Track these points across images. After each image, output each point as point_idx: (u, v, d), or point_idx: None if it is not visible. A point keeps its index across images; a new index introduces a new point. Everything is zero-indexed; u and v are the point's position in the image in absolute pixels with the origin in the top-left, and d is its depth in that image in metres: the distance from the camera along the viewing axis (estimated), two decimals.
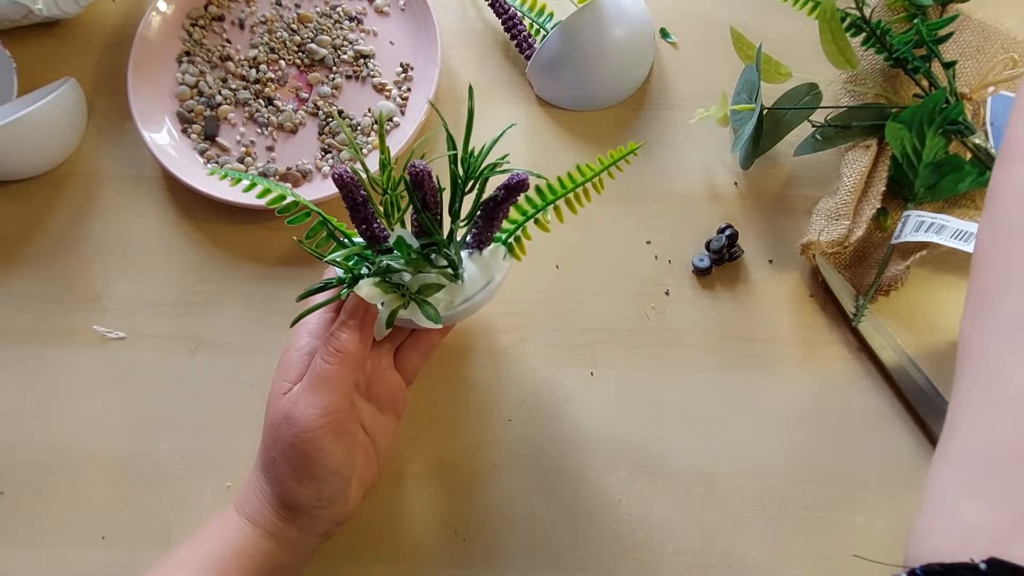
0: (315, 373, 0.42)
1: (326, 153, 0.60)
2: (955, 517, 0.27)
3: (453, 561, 0.49)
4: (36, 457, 0.53)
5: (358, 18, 0.64)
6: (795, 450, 0.51)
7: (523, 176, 0.40)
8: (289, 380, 0.43)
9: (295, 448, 0.41)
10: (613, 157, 0.43)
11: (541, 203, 0.44)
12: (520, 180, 0.40)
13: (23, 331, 0.57)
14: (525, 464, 0.51)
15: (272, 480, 0.43)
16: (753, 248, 0.56)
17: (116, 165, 0.61)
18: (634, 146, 0.43)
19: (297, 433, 0.41)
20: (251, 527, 0.43)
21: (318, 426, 0.41)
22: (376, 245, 0.42)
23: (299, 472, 0.42)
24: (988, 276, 0.33)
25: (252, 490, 0.44)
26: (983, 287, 0.33)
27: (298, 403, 0.42)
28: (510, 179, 0.40)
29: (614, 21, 0.58)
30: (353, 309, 0.42)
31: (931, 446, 0.50)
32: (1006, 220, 0.34)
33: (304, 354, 0.44)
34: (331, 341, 0.42)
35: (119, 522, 0.51)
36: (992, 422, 0.29)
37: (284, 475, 0.42)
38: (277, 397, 0.43)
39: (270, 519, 0.43)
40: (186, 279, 0.57)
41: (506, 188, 0.41)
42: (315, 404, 0.41)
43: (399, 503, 0.51)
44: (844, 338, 0.53)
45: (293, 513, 0.43)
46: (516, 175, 0.40)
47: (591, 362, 0.53)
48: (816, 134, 0.55)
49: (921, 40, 0.53)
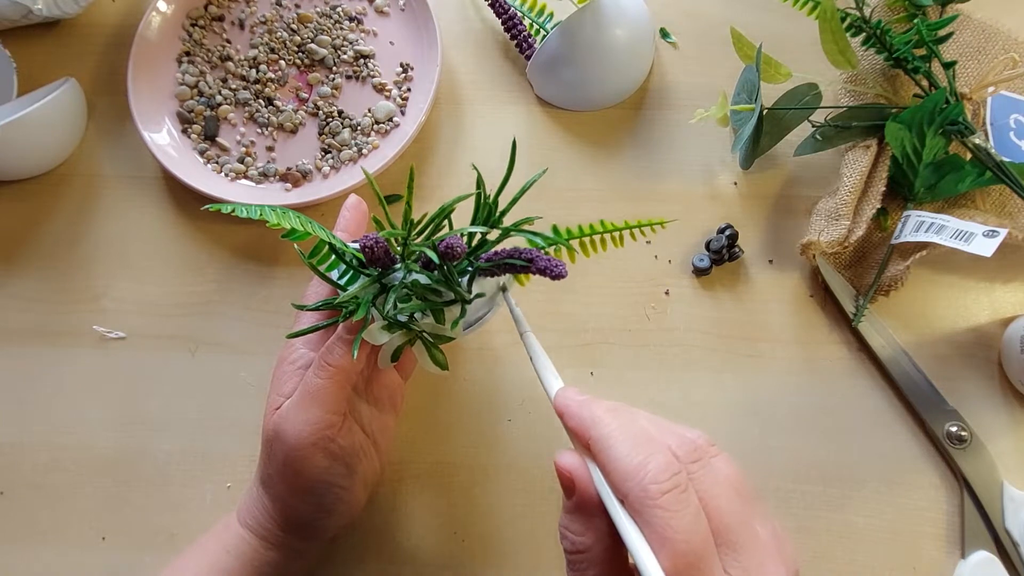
0: (306, 388, 0.40)
1: (326, 153, 0.60)
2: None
3: (453, 561, 0.49)
4: (36, 457, 0.53)
5: (358, 18, 0.64)
6: (795, 450, 0.51)
7: (559, 269, 0.38)
8: (283, 394, 0.42)
9: (288, 466, 0.41)
10: (640, 223, 0.42)
11: (555, 239, 0.42)
12: (554, 271, 0.38)
13: (23, 331, 0.57)
14: (525, 464, 0.51)
15: (271, 496, 0.43)
16: (753, 248, 0.56)
17: (116, 165, 0.61)
18: (663, 221, 0.44)
19: (288, 451, 0.40)
20: (255, 538, 0.43)
21: (310, 443, 0.40)
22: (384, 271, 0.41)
23: (295, 489, 0.41)
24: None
25: (253, 502, 0.44)
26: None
27: (288, 419, 0.40)
28: (538, 260, 0.39)
29: (614, 21, 0.58)
30: (351, 325, 0.41)
31: (931, 446, 0.50)
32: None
33: (298, 367, 0.42)
34: (325, 355, 0.40)
35: (119, 522, 0.51)
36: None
37: (282, 492, 0.42)
38: (270, 412, 0.42)
39: (273, 531, 0.43)
40: (186, 279, 0.57)
41: (530, 262, 0.39)
42: (305, 421, 0.40)
43: (400, 503, 0.51)
44: (844, 338, 0.53)
45: (296, 525, 0.43)
46: (548, 261, 0.38)
47: (591, 362, 0.53)
48: (816, 134, 0.55)
49: (921, 40, 0.53)
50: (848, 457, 0.51)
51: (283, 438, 0.40)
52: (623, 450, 0.30)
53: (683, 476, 0.29)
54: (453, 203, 0.39)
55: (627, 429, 0.31)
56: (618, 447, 0.30)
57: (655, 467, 0.29)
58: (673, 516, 0.28)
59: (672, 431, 0.31)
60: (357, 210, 0.47)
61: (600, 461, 0.31)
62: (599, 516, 0.31)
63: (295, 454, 0.40)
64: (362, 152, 0.59)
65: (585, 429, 0.32)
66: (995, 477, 0.48)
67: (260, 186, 0.59)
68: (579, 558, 0.31)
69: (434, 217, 0.39)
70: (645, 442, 0.30)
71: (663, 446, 0.30)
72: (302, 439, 0.40)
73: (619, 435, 0.30)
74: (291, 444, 0.40)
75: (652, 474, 0.28)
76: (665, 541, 0.27)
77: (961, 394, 0.51)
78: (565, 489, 0.32)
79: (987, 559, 0.47)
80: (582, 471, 0.31)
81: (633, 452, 0.29)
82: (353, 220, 0.46)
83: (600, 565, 0.31)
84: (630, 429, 0.31)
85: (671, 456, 0.29)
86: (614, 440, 0.30)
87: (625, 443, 0.30)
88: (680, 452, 0.30)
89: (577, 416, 0.33)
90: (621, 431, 0.31)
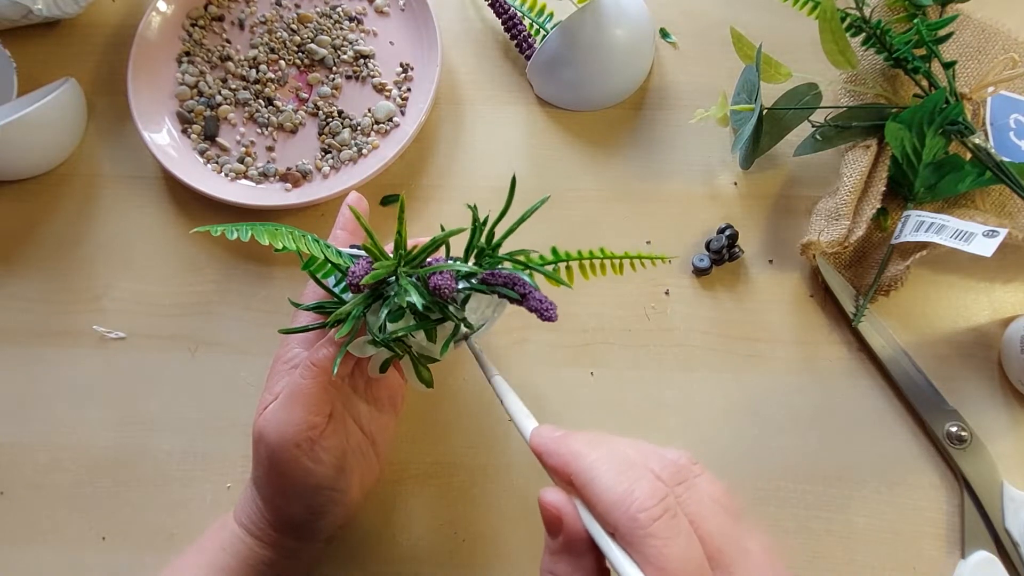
0: (291, 389, 0.40)
1: (326, 153, 0.60)
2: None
3: (453, 561, 0.49)
4: (36, 457, 0.53)
5: (358, 18, 0.64)
6: (795, 450, 0.51)
7: (550, 313, 0.38)
8: (273, 394, 0.41)
9: (273, 469, 0.40)
10: (640, 255, 0.42)
11: (553, 259, 0.42)
12: (544, 314, 0.38)
13: (23, 331, 0.57)
14: (525, 464, 0.51)
15: (262, 497, 0.43)
16: (753, 248, 0.56)
17: (116, 165, 0.61)
18: (664, 256, 0.44)
19: (270, 453, 0.40)
20: (251, 538, 0.43)
21: (293, 444, 0.39)
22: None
23: (282, 490, 0.41)
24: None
25: (249, 502, 0.44)
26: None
27: (271, 420, 0.40)
28: (531, 299, 0.38)
29: (614, 21, 0.58)
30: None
31: (931, 446, 0.50)
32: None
33: (292, 367, 0.42)
34: (312, 356, 0.40)
35: (119, 522, 0.51)
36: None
37: (271, 494, 0.42)
38: (259, 412, 0.41)
39: (267, 531, 0.43)
40: (186, 279, 0.57)
41: (523, 297, 0.39)
42: (287, 422, 0.39)
43: (399, 503, 0.51)
44: (844, 338, 0.53)
45: (288, 526, 0.43)
46: (541, 302, 0.38)
47: (591, 362, 0.53)
48: (816, 134, 0.55)
49: (921, 40, 0.53)
50: (848, 457, 0.51)
51: (266, 439, 0.40)
52: (607, 481, 0.29)
53: (671, 500, 0.28)
54: (446, 236, 0.38)
55: (608, 458, 0.30)
56: (601, 478, 0.29)
57: (641, 494, 0.28)
58: (666, 544, 0.27)
59: (654, 453, 0.31)
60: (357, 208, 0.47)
61: (585, 495, 0.30)
62: (587, 555, 0.30)
63: (277, 456, 0.40)
64: (362, 152, 0.59)
65: (565, 464, 0.31)
66: (995, 477, 0.48)
67: (260, 186, 0.59)
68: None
69: (425, 249, 0.39)
70: (628, 469, 0.29)
71: (647, 471, 0.29)
72: (284, 440, 0.39)
73: (601, 465, 0.29)
74: (273, 446, 0.40)
75: (639, 502, 0.28)
76: (662, 571, 0.26)
77: (961, 394, 0.51)
78: (550, 528, 0.31)
79: (987, 559, 0.47)
80: (569, 507, 0.30)
81: (617, 481, 0.29)
82: (352, 218, 0.46)
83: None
84: (612, 458, 0.30)
85: (656, 481, 0.29)
86: (597, 472, 0.29)
87: (608, 473, 0.29)
88: (664, 475, 0.29)
89: (556, 453, 0.32)
90: (602, 461, 0.30)
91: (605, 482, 0.29)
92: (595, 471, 0.29)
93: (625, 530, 0.28)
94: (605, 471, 0.29)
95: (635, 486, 0.28)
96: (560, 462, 0.31)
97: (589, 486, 0.29)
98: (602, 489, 0.29)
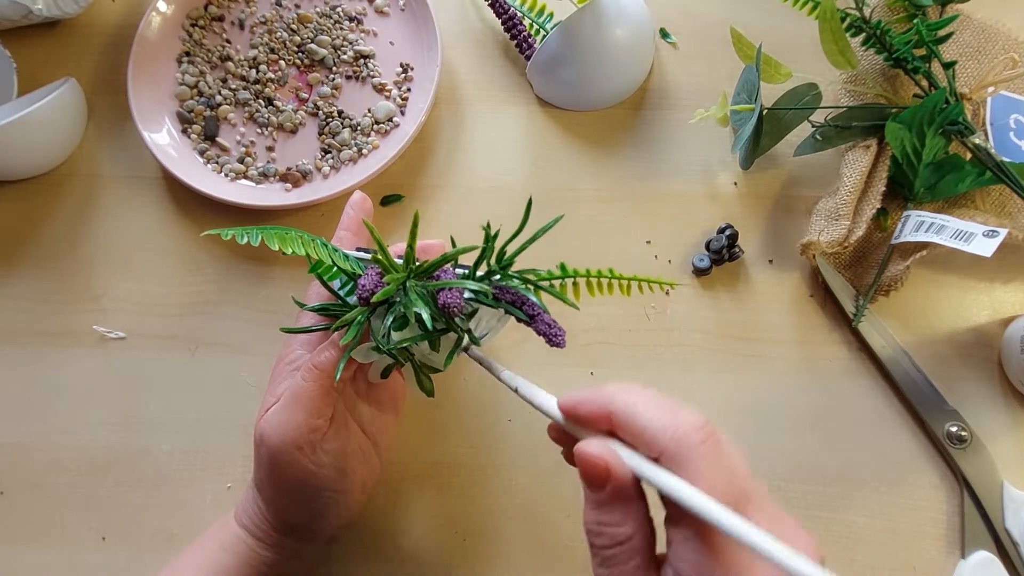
0: (292, 391, 0.40)
1: (326, 153, 0.60)
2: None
3: (453, 561, 0.49)
4: (36, 457, 0.53)
5: (358, 18, 0.64)
6: (795, 450, 0.51)
7: (559, 338, 0.39)
8: (276, 395, 0.41)
9: (275, 470, 0.40)
10: (649, 279, 0.42)
11: (560, 275, 0.42)
12: (553, 339, 0.39)
13: (23, 331, 0.57)
14: (525, 464, 0.51)
15: (264, 498, 0.43)
16: (753, 248, 0.56)
17: (116, 165, 0.61)
18: (672, 283, 0.45)
19: (272, 455, 0.40)
20: (252, 539, 0.43)
21: (295, 447, 0.39)
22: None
23: (283, 492, 0.41)
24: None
25: (250, 503, 0.44)
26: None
27: (273, 423, 0.40)
28: (539, 322, 0.39)
29: (614, 21, 0.58)
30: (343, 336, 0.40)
31: (931, 446, 0.51)
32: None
33: (294, 368, 0.42)
34: (314, 358, 0.40)
35: (119, 522, 0.51)
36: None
37: (272, 495, 0.42)
38: (261, 414, 0.41)
39: (268, 532, 0.43)
40: (186, 279, 0.57)
41: (532, 319, 0.39)
42: (289, 424, 0.39)
43: (400, 503, 0.51)
44: (844, 338, 0.53)
45: (289, 528, 0.43)
46: (550, 326, 0.39)
47: (591, 362, 0.53)
48: (816, 134, 0.55)
49: (921, 40, 0.53)
50: (848, 457, 0.51)
51: (267, 441, 0.40)
52: (651, 410, 0.30)
53: (712, 428, 0.29)
54: (456, 254, 0.38)
55: (644, 394, 0.31)
56: (645, 411, 0.30)
57: (687, 418, 0.29)
58: (716, 461, 0.28)
59: (679, 403, 0.32)
60: (361, 208, 0.47)
61: (630, 427, 0.30)
62: (637, 500, 0.30)
63: (278, 458, 0.40)
64: (362, 152, 0.59)
65: (603, 407, 0.31)
66: (995, 477, 0.48)
67: (260, 186, 0.59)
68: (619, 551, 0.30)
69: (435, 264, 0.39)
70: (666, 400, 0.30)
71: (683, 404, 0.30)
72: (286, 442, 0.39)
73: (641, 399, 0.31)
74: (275, 448, 0.40)
75: (686, 424, 0.29)
76: (713, 487, 0.27)
77: (961, 394, 0.51)
78: (595, 481, 0.30)
79: (987, 559, 0.47)
80: (613, 455, 0.30)
81: (661, 409, 0.30)
82: (357, 218, 0.46)
83: (643, 553, 0.30)
84: (647, 394, 0.31)
85: (696, 410, 0.30)
86: (640, 406, 0.30)
87: (650, 404, 0.30)
88: None
89: (591, 399, 0.32)
90: (641, 395, 0.31)
91: (650, 411, 0.30)
92: (637, 405, 0.30)
93: (673, 452, 0.28)
94: (646, 403, 0.30)
95: (678, 412, 0.29)
96: (597, 405, 0.32)
97: (634, 418, 0.30)
98: (648, 418, 0.30)
